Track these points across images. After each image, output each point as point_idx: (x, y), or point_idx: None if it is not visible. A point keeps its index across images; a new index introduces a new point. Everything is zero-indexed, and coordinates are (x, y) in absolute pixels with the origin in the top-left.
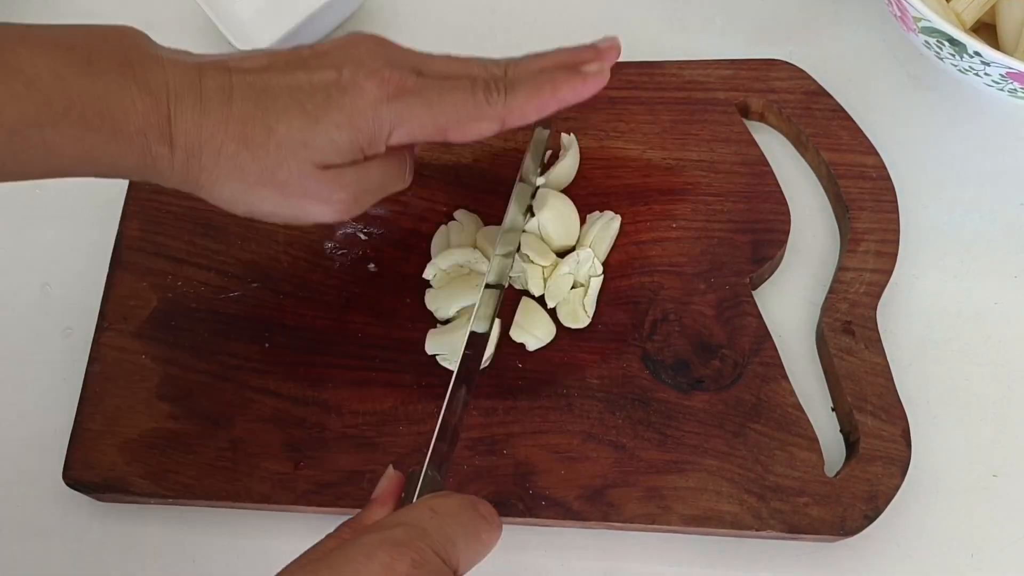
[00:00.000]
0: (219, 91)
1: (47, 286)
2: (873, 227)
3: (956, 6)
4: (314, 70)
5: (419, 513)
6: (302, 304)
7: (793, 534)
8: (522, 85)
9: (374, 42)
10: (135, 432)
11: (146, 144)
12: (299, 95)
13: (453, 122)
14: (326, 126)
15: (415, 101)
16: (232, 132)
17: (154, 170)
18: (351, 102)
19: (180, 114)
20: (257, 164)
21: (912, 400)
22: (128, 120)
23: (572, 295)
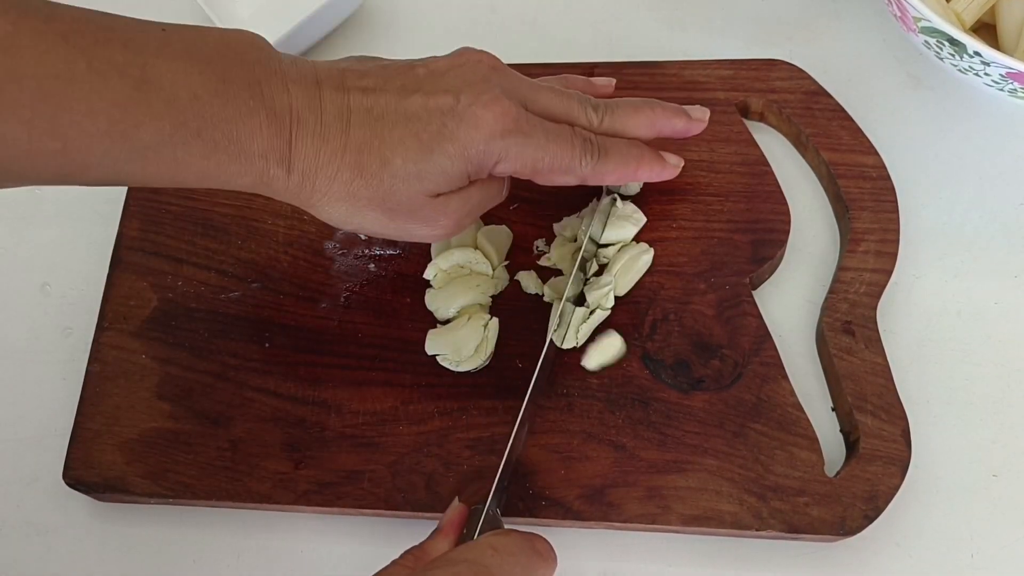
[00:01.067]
0: (338, 116)
1: (47, 286)
2: (873, 227)
3: (956, 6)
4: (430, 94)
5: (481, 551)
6: (302, 304)
7: (793, 534)
8: (612, 155)
9: (489, 66)
10: (135, 432)
11: (266, 166)
12: (415, 124)
13: (547, 169)
14: (439, 157)
15: (524, 141)
16: (348, 160)
17: (268, 188)
18: (466, 133)
19: (300, 139)
20: (369, 191)
21: (912, 400)
22: (253, 142)
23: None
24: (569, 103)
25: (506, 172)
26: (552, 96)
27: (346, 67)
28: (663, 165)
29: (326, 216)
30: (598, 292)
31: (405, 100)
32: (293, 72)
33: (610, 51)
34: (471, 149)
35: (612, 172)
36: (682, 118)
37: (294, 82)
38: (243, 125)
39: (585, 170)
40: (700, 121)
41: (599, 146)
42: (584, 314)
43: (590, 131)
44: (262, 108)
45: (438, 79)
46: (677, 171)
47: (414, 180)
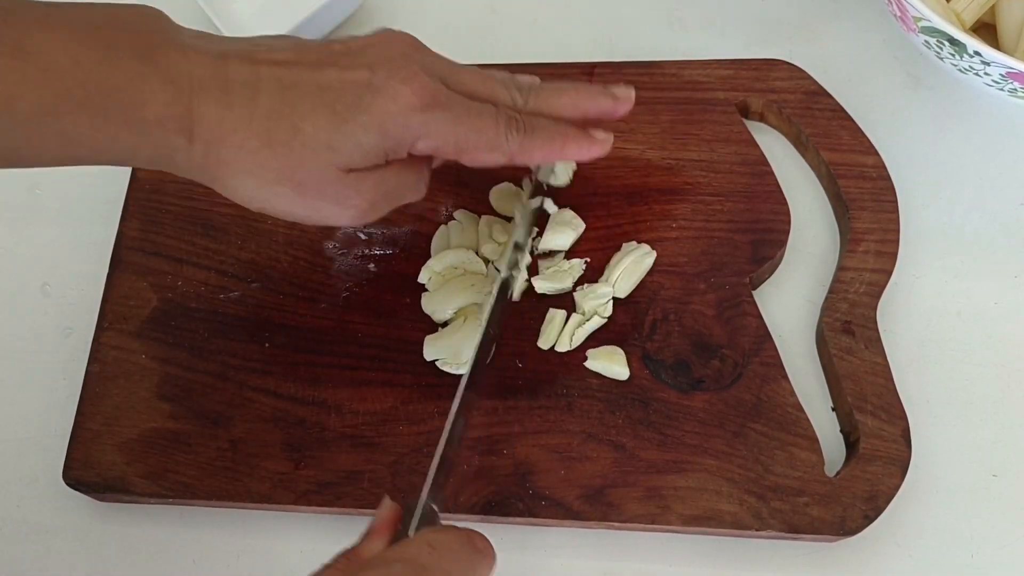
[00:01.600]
0: (245, 84)
1: (47, 286)
2: (873, 227)
3: (956, 6)
4: (346, 68)
5: (418, 549)
6: (302, 304)
7: (793, 534)
8: (539, 132)
9: (409, 44)
10: (135, 432)
11: (164, 135)
12: (329, 94)
13: (471, 145)
14: (354, 128)
15: (444, 116)
16: (256, 128)
17: (170, 161)
18: (383, 105)
19: (202, 106)
20: (278, 162)
21: (912, 400)
22: (147, 110)
23: (557, 315)
24: (492, 84)
25: (427, 150)
26: (474, 76)
27: (258, 41)
28: (591, 142)
29: (232, 192)
30: (595, 300)
31: (319, 72)
32: (197, 43)
33: (610, 51)
34: (388, 122)
35: (539, 149)
36: (607, 98)
37: (195, 51)
38: (135, 91)
39: (512, 145)
40: (626, 100)
41: (524, 122)
42: (579, 320)
43: (515, 110)
44: (155, 74)
45: (355, 55)
46: (607, 147)
47: (326, 150)
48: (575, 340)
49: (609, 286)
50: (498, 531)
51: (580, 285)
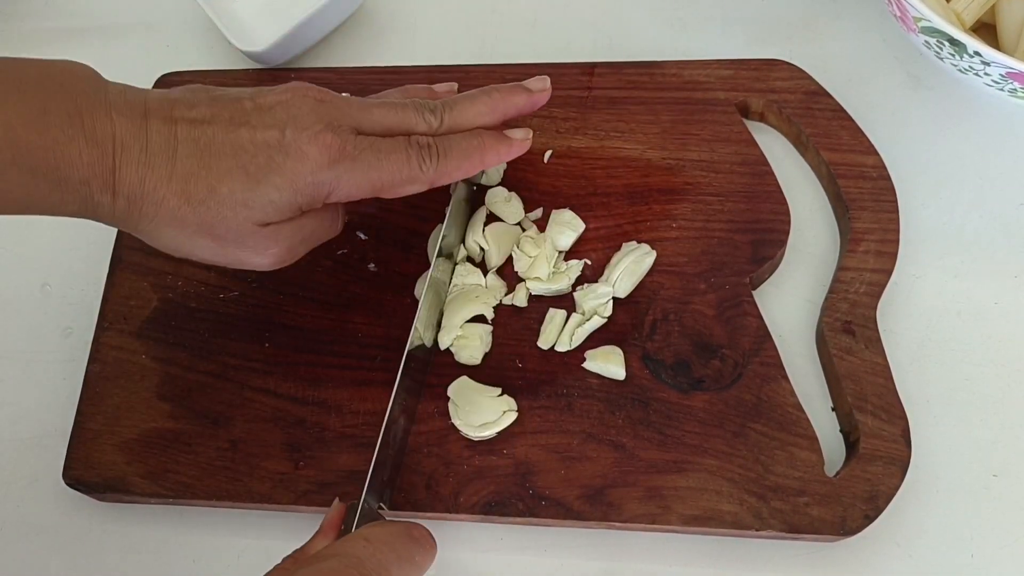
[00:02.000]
0: (164, 145)
1: (47, 286)
2: (873, 227)
3: (956, 6)
4: (257, 128)
5: (353, 543)
6: (302, 304)
7: (793, 534)
8: (453, 151)
9: (315, 100)
10: (135, 432)
11: (89, 192)
12: (242, 156)
13: (387, 185)
14: (267, 188)
15: (354, 166)
16: (174, 188)
17: (94, 215)
18: (292, 166)
19: (125, 166)
20: (197, 218)
21: (912, 400)
22: (73, 170)
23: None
24: (404, 114)
25: (342, 198)
26: (385, 111)
27: (177, 98)
28: (509, 143)
29: (155, 242)
30: (595, 300)
31: (233, 132)
32: (119, 102)
33: (610, 51)
34: (299, 181)
35: (457, 169)
36: (521, 95)
37: (119, 112)
38: (61, 153)
39: (428, 175)
40: (542, 91)
41: (437, 148)
42: (579, 320)
43: (431, 135)
44: (81, 136)
45: (265, 113)
46: (527, 143)
47: (241, 208)
48: (575, 340)
49: (609, 286)
50: (498, 531)
51: (580, 285)
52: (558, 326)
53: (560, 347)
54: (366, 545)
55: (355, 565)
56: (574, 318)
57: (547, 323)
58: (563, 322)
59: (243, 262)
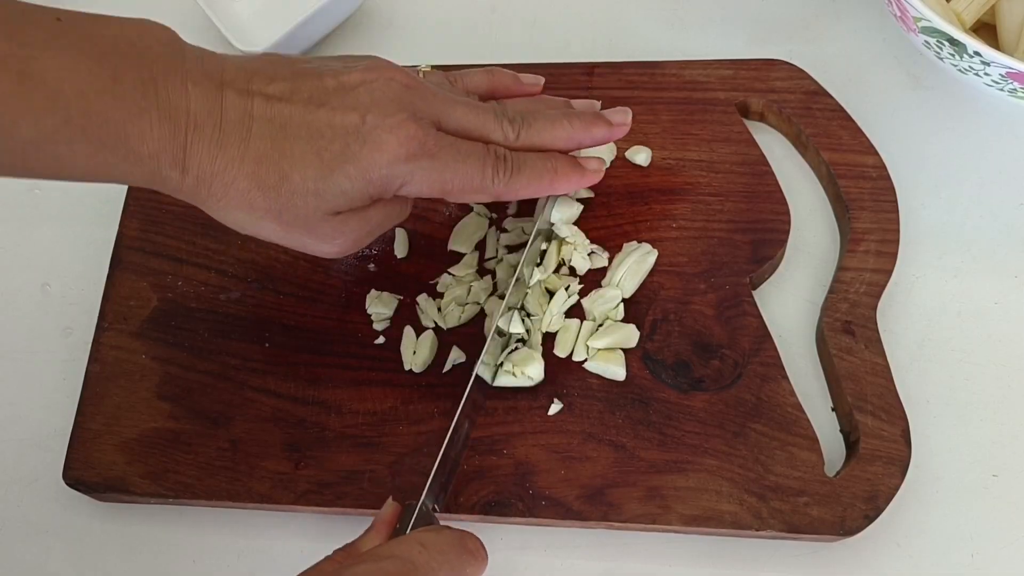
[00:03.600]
0: (238, 123)
1: (47, 286)
2: (873, 227)
3: (956, 6)
4: (336, 110)
5: (409, 547)
6: (302, 304)
7: (793, 534)
8: (526, 170)
9: (401, 84)
10: (135, 432)
11: (158, 166)
12: (318, 141)
13: (457, 189)
14: (339, 178)
15: (430, 164)
16: (246, 170)
17: (163, 186)
18: (368, 155)
19: (196, 143)
20: (266, 202)
21: (912, 400)
22: (144, 143)
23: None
24: (484, 119)
25: (412, 194)
26: (467, 112)
27: (256, 68)
28: (581, 174)
29: (222, 219)
30: (605, 305)
31: (311, 114)
32: (197, 71)
33: (610, 51)
34: (373, 172)
35: (525, 187)
36: (601, 127)
37: (195, 82)
38: (132, 126)
39: (497, 188)
40: (622, 125)
41: (512, 163)
42: (592, 327)
43: (506, 146)
44: (154, 109)
45: (346, 94)
46: (599, 176)
47: (312, 197)
48: (591, 350)
49: (616, 288)
50: (498, 531)
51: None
52: (573, 335)
53: (577, 356)
54: (421, 551)
55: (410, 570)
56: (586, 326)
57: (562, 332)
58: (577, 330)
59: (308, 248)
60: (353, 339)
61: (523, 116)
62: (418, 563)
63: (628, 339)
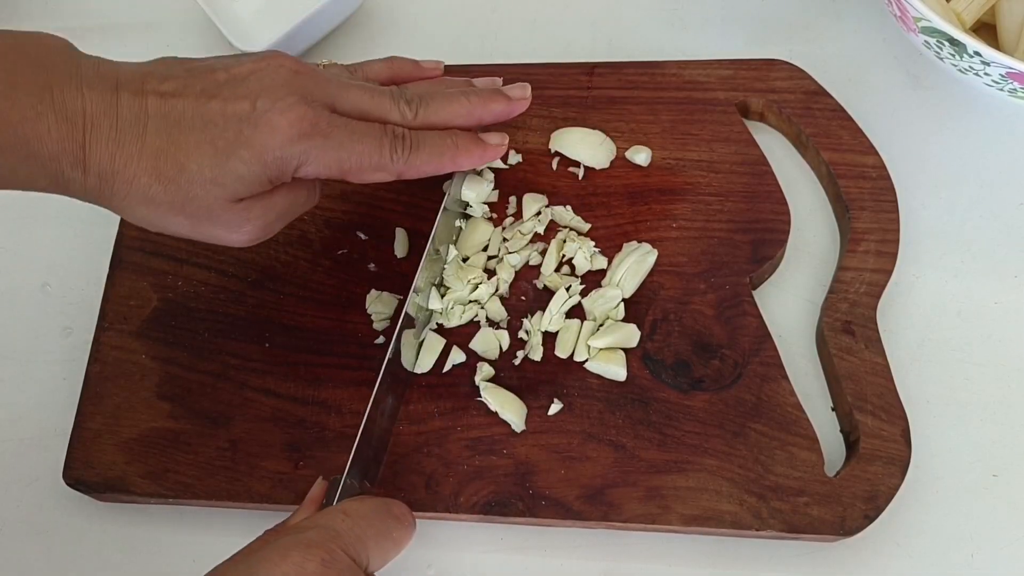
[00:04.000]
0: (134, 121)
1: (47, 286)
2: (873, 227)
3: (956, 6)
4: (228, 100)
5: (332, 516)
6: (302, 304)
7: (793, 534)
8: (425, 147)
9: (291, 70)
10: (135, 432)
11: (59, 168)
12: (211, 130)
13: (355, 168)
14: (235, 163)
15: (324, 144)
16: (144, 165)
17: (66, 191)
18: (261, 139)
19: (95, 143)
20: (168, 195)
21: (912, 400)
22: (43, 146)
23: (572, 325)
24: (380, 100)
25: (310, 175)
26: (362, 94)
27: (149, 71)
28: (483, 148)
29: (130, 217)
30: (605, 304)
31: (203, 106)
32: (91, 75)
33: (610, 51)
34: (268, 155)
35: (427, 164)
36: (500, 101)
37: (90, 86)
38: (30, 128)
39: (397, 165)
40: (521, 100)
41: (410, 140)
42: (592, 327)
43: (405, 126)
44: (51, 112)
45: (237, 84)
46: (502, 150)
47: (211, 185)
48: (593, 350)
49: (617, 288)
50: (498, 531)
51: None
52: (574, 335)
53: (578, 356)
54: (344, 518)
55: (333, 537)
56: (587, 326)
57: (562, 332)
58: (578, 330)
59: (218, 239)
60: (353, 339)
61: (420, 96)
62: (341, 530)
63: (629, 339)
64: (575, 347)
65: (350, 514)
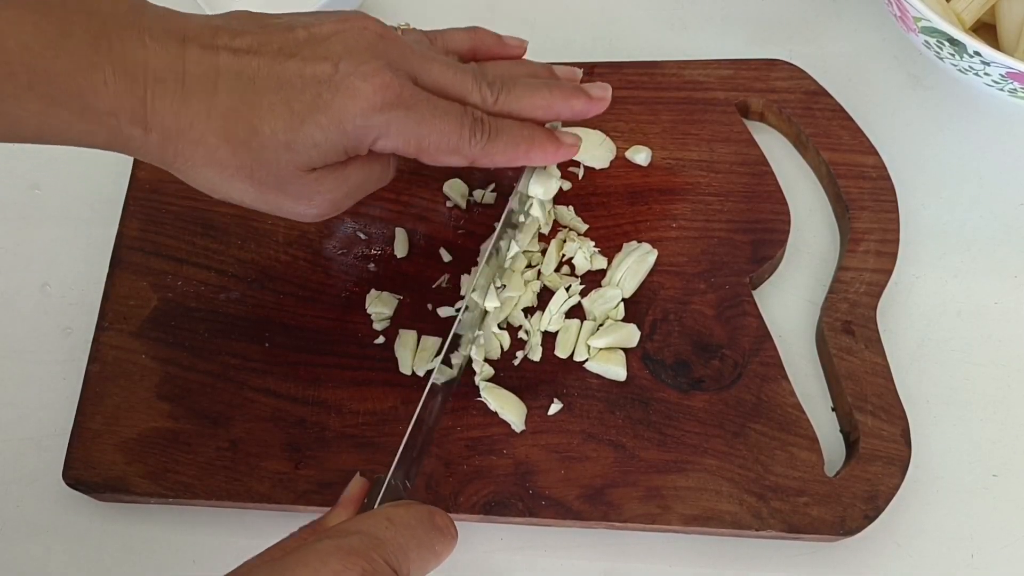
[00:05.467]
0: (203, 78)
1: (47, 286)
2: (873, 227)
3: (956, 6)
4: (308, 60)
5: (376, 522)
6: (302, 304)
7: (793, 534)
8: (503, 135)
9: (376, 34)
10: (135, 432)
11: (117, 124)
12: (288, 91)
13: (432, 147)
14: (311, 128)
15: (407, 116)
16: (213, 125)
17: (126, 148)
18: (341, 103)
19: (158, 99)
20: (237, 159)
21: (912, 400)
22: (99, 100)
23: (572, 325)
24: (463, 78)
25: (387, 149)
26: (445, 70)
27: (221, 24)
28: (557, 146)
29: (193, 182)
30: (606, 304)
31: (280, 65)
32: (156, 27)
33: (610, 51)
34: (347, 122)
35: (502, 153)
36: (581, 98)
37: (154, 37)
38: (84, 80)
39: (474, 150)
40: (601, 100)
41: (489, 126)
42: (592, 327)
43: (483, 110)
44: (107, 63)
45: (318, 44)
46: (575, 150)
47: (284, 151)
48: (593, 350)
49: (616, 288)
50: (498, 531)
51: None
52: (574, 335)
53: (578, 356)
54: (388, 526)
55: (375, 546)
56: (587, 326)
57: (563, 332)
58: (578, 330)
59: (284, 210)
60: (353, 339)
61: (503, 80)
62: (384, 539)
63: (629, 339)
64: (575, 347)
65: (394, 522)
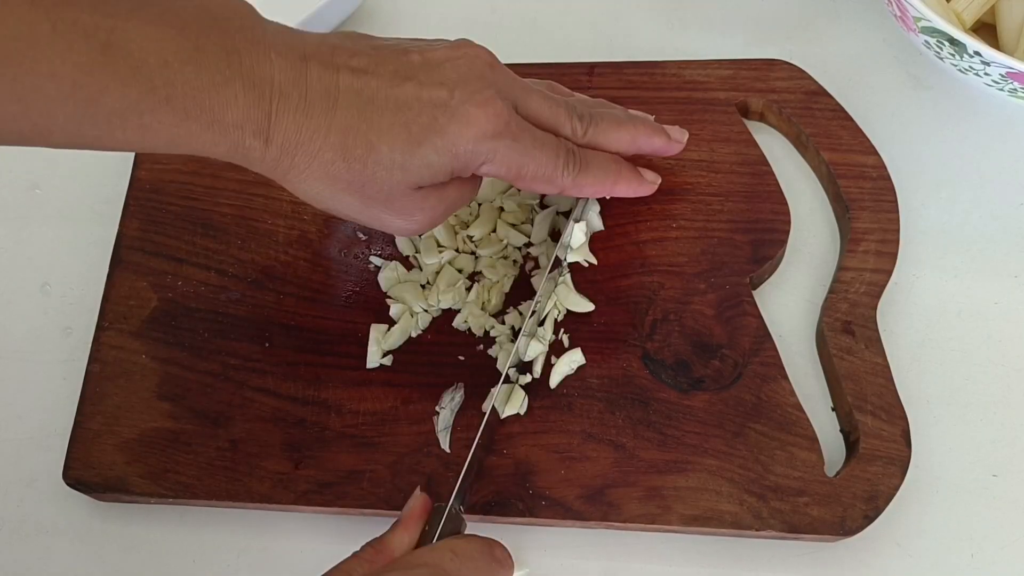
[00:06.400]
0: (324, 94)
1: (47, 286)
2: (873, 227)
3: (956, 6)
4: (424, 85)
5: (441, 555)
6: (302, 304)
7: (793, 534)
8: (592, 168)
9: (486, 63)
10: (135, 432)
11: (242, 136)
12: (406, 113)
13: (529, 175)
14: (426, 150)
15: (512, 145)
16: (331, 141)
17: (244, 159)
18: (456, 129)
19: (281, 113)
20: (350, 175)
21: (912, 400)
22: (228, 113)
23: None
24: (557, 111)
25: (490, 173)
26: (542, 101)
27: (337, 43)
28: (640, 181)
29: (302, 193)
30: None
31: (397, 87)
32: (279, 43)
33: (610, 51)
34: (460, 147)
35: (591, 185)
36: (662, 137)
37: (279, 54)
38: (217, 94)
39: (565, 181)
40: (678, 143)
41: (581, 158)
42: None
43: (573, 142)
44: (238, 78)
45: (433, 70)
46: (654, 188)
47: (398, 170)
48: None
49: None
50: (498, 531)
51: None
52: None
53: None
54: (453, 558)
55: None
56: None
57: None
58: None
59: (385, 224)
60: (353, 339)
61: (591, 114)
62: (449, 571)
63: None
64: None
65: (459, 554)
